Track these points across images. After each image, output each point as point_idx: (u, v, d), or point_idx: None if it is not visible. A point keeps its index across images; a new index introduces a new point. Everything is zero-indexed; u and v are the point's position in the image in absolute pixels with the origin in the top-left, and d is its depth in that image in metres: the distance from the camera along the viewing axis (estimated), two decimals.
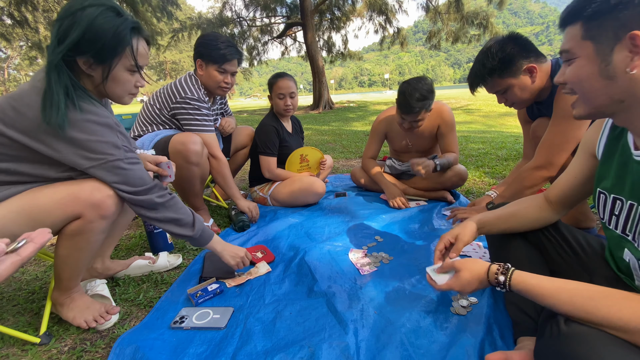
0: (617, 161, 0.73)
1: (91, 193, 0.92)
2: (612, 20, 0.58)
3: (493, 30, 12.18)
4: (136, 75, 1.00)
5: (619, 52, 0.59)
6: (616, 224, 0.72)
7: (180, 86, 1.71)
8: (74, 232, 0.94)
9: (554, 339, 0.58)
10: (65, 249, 0.97)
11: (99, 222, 0.95)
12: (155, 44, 11.62)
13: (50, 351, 0.98)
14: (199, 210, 1.82)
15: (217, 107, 2.04)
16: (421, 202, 2.09)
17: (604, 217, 0.76)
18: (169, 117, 1.75)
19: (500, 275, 0.72)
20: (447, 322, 1.00)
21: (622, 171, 0.71)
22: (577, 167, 0.88)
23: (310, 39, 12.48)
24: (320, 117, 10.27)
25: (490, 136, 4.89)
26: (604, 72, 0.61)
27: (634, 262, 0.69)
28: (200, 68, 1.75)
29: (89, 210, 0.92)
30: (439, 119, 2.03)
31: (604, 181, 0.76)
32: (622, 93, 0.61)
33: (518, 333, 0.88)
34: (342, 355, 0.88)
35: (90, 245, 0.98)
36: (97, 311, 1.07)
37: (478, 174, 2.67)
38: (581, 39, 0.63)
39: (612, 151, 0.75)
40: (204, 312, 1.09)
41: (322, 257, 1.43)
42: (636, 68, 0.58)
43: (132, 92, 1.02)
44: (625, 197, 0.69)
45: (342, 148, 4.33)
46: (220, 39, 1.72)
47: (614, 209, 0.72)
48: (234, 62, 1.76)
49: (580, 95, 0.67)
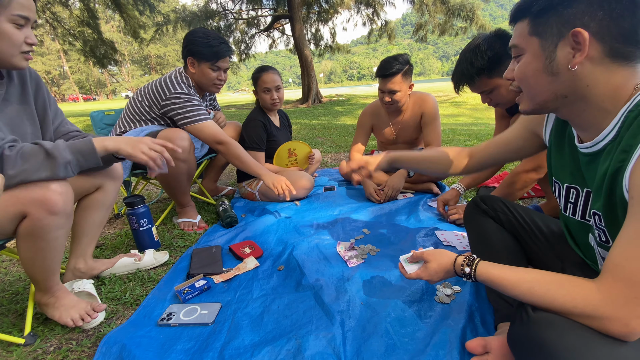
0: (567, 150, 0.76)
1: (30, 189, 0.87)
2: (556, 17, 0.60)
3: (479, 22, 12.26)
4: (24, 30, 0.90)
5: (562, 48, 0.61)
6: (573, 211, 0.75)
7: (170, 82, 1.68)
8: (27, 233, 0.90)
9: (524, 324, 0.60)
10: (26, 251, 0.94)
11: (50, 218, 0.90)
12: (138, 37, 11.32)
13: (35, 351, 0.97)
14: (186, 206, 1.81)
15: (207, 102, 2.02)
16: (408, 194, 2.12)
17: (561, 205, 0.80)
18: (159, 115, 1.72)
19: (465, 266, 0.75)
20: (431, 311, 1.02)
21: (571, 160, 0.74)
22: (511, 136, 0.95)
23: (298, 32, 12.36)
24: (309, 111, 10.23)
25: (476, 129, 4.97)
26: (548, 68, 0.63)
27: (596, 248, 0.72)
28: (192, 66, 1.73)
29: (32, 207, 0.87)
30: (422, 107, 2.06)
31: (556, 171, 0.80)
32: (565, 89, 0.63)
33: (498, 319, 0.91)
34: (328, 345, 0.90)
35: (50, 244, 0.94)
36: (83, 309, 1.06)
37: None
38: (528, 35, 0.65)
39: (561, 142, 0.78)
40: (192, 309, 1.09)
41: (311, 251, 1.44)
42: (577, 65, 0.60)
43: (22, 49, 0.92)
44: (579, 186, 0.73)
45: (331, 142, 4.33)
46: (211, 36, 1.70)
47: (569, 197, 0.76)
48: (227, 59, 1.76)
49: (525, 92, 0.69)
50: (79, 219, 1.23)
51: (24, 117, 1.04)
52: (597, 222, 0.66)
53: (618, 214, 0.60)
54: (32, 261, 0.97)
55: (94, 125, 2.03)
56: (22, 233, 0.91)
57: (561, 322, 0.56)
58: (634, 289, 0.51)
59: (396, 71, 1.91)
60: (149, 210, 1.54)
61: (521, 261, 0.96)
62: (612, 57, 0.59)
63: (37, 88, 1.08)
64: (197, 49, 1.68)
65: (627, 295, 0.52)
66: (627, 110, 0.59)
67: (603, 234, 0.66)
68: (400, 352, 0.88)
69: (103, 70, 49.74)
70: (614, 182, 0.59)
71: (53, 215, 0.90)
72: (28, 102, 1.05)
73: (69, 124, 1.20)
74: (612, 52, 0.58)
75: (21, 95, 1.03)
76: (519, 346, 0.62)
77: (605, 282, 0.55)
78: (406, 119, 2.11)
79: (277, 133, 2.17)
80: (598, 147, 0.64)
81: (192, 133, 1.70)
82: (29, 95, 1.05)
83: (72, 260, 1.26)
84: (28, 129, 1.04)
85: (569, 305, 0.56)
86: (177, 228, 1.79)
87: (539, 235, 0.95)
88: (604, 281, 0.55)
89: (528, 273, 0.64)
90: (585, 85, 0.61)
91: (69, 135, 1.17)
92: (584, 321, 0.55)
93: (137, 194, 1.58)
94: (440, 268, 0.81)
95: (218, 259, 1.39)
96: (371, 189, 2.02)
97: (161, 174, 1.62)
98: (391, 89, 1.94)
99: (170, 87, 1.67)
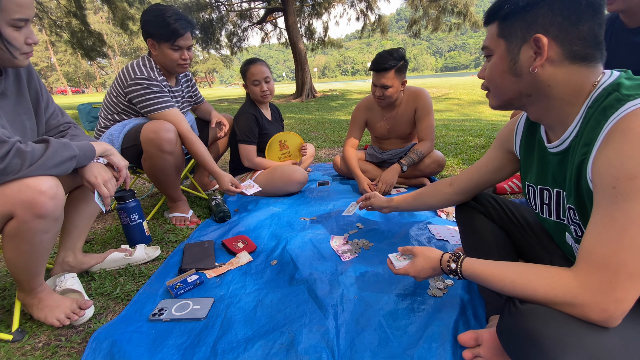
0: (537, 155, 0.79)
1: (19, 190, 0.84)
2: (521, 21, 0.64)
3: (472, 19, 12.30)
4: (24, 30, 0.89)
5: (525, 51, 0.64)
6: (549, 211, 0.78)
7: (131, 68, 1.60)
8: (12, 234, 0.88)
9: (512, 316, 0.61)
10: (10, 251, 0.92)
11: (36, 221, 0.87)
12: (128, 29, 11.09)
13: (24, 347, 0.96)
14: (178, 201, 1.78)
15: (183, 89, 1.89)
16: (402, 189, 2.12)
17: (537, 208, 0.82)
18: (127, 104, 1.64)
19: (451, 262, 0.77)
20: (424, 305, 1.03)
21: (542, 163, 0.77)
22: (489, 158, 1.00)
23: (292, 25, 12.22)
24: (302, 105, 10.17)
25: (469, 124, 5.00)
26: (512, 69, 0.67)
27: (574, 244, 0.74)
28: (153, 48, 1.63)
29: (20, 209, 0.84)
30: (416, 102, 2.06)
31: (529, 175, 0.83)
32: (528, 89, 0.67)
33: (490, 312, 0.92)
34: (322, 339, 0.90)
35: (35, 247, 0.92)
36: (68, 308, 1.03)
37: (456, 161, 2.74)
38: (497, 37, 0.69)
39: (531, 146, 0.82)
40: (184, 304, 1.08)
41: (304, 245, 1.44)
42: (537, 68, 0.63)
43: (23, 50, 0.90)
44: (551, 187, 0.75)
45: (325, 137, 4.32)
46: (167, 13, 1.56)
47: (544, 199, 0.78)
48: (187, 36, 1.62)
49: (492, 90, 0.73)
50: (70, 212, 1.20)
51: (21, 112, 1.01)
52: (572, 217, 0.69)
53: (587, 206, 0.62)
54: (16, 262, 0.94)
55: (82, 118, 1.99)
56: (7, 233, 0.89)
57: (548, 313, 0.57)
58: (607, 274, 0.53)
59: (389, 67, 1.89)
60: (140, 204, 1.52)
61: (512, 255, 0.97)
62: (572, 59, 0.62)
63: (29, 77, 1.05)
64: (153, 29, 1.57)
65: (602, 280, 0.53)
66: (587, 107, 0.62)
67: (579, 228, 0.69)
68: (393, 344, 0.88)
69: (92, 63, 48.54)
70: (579, 175, 0.62)
71: (40, 219, 0.87)
72: (24, 95, 1.02)
73: (60, 114, 1.16)
74: (571, 54, 0.61)
75: (17, 88, 1.01)
76: (507, 338, 0.63)
77: (581, 269, 0.57)
78: (400, 114, 2.11)
79: (269, 126, 2.15)
80: (565, 145, 0.67)
81: None
82: (24, 87, 1.03)
83: (61, 254, 1.23)
84: (27, 124, 1.02)
85: (550, 295, 0.58)
86: (168, 223, 1.77)
87: (527, 230, 0.96)
88: (579, 268, 0.57)
89: (510, 267, 0.66)
90: (547, 85, 0.64)
91: (59, 129, 1.14)
92: (566, 309, 0.56)
93: (127, 189, 1.55)
94: (427, 264, 0.84)
95: (211, 254, 1.38)
96: (365, 184, 2.02)
97: (150, 166, 1.59)
98: (383, 84, 1.93)
99: (132, 72, 1.58)
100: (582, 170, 0.61)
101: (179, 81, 1.86)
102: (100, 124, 1.71)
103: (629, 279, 0.52)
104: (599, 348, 0.53)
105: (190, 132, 1.66)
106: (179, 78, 1.87)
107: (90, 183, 1.03)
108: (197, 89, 2.06)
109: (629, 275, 0.52)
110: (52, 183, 0.88)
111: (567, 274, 0.58)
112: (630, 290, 0.52)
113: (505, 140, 0.93)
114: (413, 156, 2.04)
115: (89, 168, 1.04)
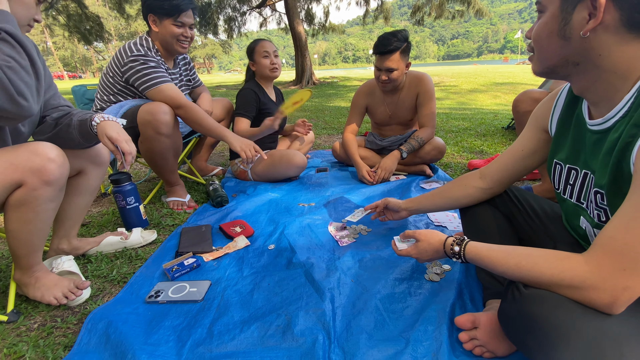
0: (572, 131, 0.74)
1: (28, 158, 0.87)
2: None
3: (476, 6, 12.04)
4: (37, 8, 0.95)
5: (579, 12, 0.57)
6: (571, 193, 0.75)
7: (128, 48, 1.58)
8: (19, 202, 0.89)
9: (515, 301, 0.60)
10: (13, 222, 0.92)
11: (44, 189, 0.90)
12: (124, 13, 10.84)
13: (19, 328, 0.95)
14: (175, 185, 1.77)
15: (181, 72, 1.86)
16: (401, 176, 2.11)
17: (559, 188, 0.79)
18: (123, 85, 1.62)
19: (455, 245, 0.76)
20: (420, 289, 1.03)
21: (576, 141, 0.73)
22: (524, 140, 0.92)
23: (292, 9, 11.95)
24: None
25: (470, 113, 4.95)
26: (562, 31, 0.60)
27: (590, 229, 0.72)
28: (153, 24, 1.62)
29: (29, 176, 0.87)
30: (419, 87, 2.02)
31: (559, 152, 0.78)
32: (576, 56, 0.60)
33: (487, 296, 0.92)
34: (318, 321, 0.90)
35: (39, 215, 0.93)
36: (66, 287, 1.03)
37: (457, 149, 2.71)
38: None
39: (568, 122, 0.76)
40: (181, 286, 1.08)
41: (302, 230, 1.43)
42: (589, 31, 0.56)
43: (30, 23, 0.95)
44: (580, 167, 0.71)
45: (325, 124, 4.27)
46: None
47: (569, 179, 0.75)
48: (189, 13, 1.63)
49: (537, 53, 0.66)
50: (63, 203, 1.18)
51: None
52: (598, 201, 0.65)
53: (622, 190, 0.58)
54: (17, 233, 0.95)
55: (76, 100, 1.95)
56: (12, 203, 0.90)
57: (552, 298, 0.56)
58: (623, 261, 0.51)
59: (394, 48, 1.84)
60: (136, 187, 1.50)
61: (513, 241, 0.96)
62: (629, 28, 0.55)
63: None
64: (157, 3, 1.57)
65: (615, 266, 0.52)
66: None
67: (604, 213, 0.65)
68: (389, 327, 0.88)
69: (89, 47, 47.78)
70: (622, 157, 0.57)
71: (48, 186, 0.91)
72: None
73: (61, 98, 1.17)
74: (630, 22, 0.54)
75: None
76: (510, 322, 0.62)
77: (594, 254, 0.55)
78: (401, 99, 2.07)
79: (271, 105, 2.12)
80: (609, 124, 0.62)
81: (151, 98, 1.59)
82: None
83: (55, 241, 1.23)
84: None
85: (556, 277, 0.56)
86: (166, 207, 1.76)
87: (532, 216, 0.94)
88: (593, 254, 0.55)
89: (515, 249, 0.65)
90: (598, 54, 0.58)
91: (58, 109, 1.14)
92: (571, 293, 0.55)
93: (123, 172, 1.53)
94: (430, 247, 0.83)
95: (208, 238, 1.37)
96: (364, 171, 2.00)
97: (147, 149, 1.57)
98: (389, 67, 1.88)
99: (128, 50, 1.57)
100: (626, 152, 0.56)
101: (177, 64, 1.83)
102: (97, 105, 1.68)
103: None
104: (603, 335, 0.52)
105: (191, 103, 1.64)
106: (177, 61, 1.84)
107: (112, 139, 1.03)
108: (196, 72, 2.02)
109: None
110: (59, 152, 0.93)
111: (577, 258, 0.56)
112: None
113: (542, 116, 0.86)
114: (413, 143, 2.02)
115: (110, 125, 1.05)
